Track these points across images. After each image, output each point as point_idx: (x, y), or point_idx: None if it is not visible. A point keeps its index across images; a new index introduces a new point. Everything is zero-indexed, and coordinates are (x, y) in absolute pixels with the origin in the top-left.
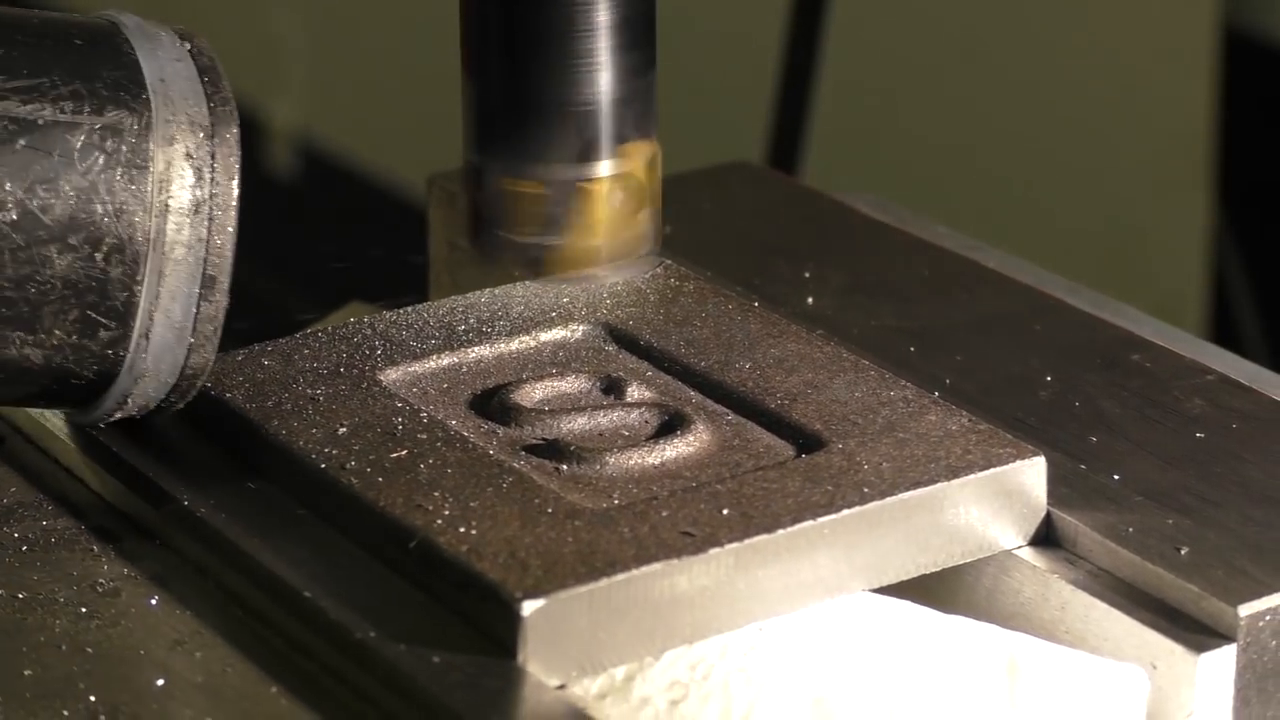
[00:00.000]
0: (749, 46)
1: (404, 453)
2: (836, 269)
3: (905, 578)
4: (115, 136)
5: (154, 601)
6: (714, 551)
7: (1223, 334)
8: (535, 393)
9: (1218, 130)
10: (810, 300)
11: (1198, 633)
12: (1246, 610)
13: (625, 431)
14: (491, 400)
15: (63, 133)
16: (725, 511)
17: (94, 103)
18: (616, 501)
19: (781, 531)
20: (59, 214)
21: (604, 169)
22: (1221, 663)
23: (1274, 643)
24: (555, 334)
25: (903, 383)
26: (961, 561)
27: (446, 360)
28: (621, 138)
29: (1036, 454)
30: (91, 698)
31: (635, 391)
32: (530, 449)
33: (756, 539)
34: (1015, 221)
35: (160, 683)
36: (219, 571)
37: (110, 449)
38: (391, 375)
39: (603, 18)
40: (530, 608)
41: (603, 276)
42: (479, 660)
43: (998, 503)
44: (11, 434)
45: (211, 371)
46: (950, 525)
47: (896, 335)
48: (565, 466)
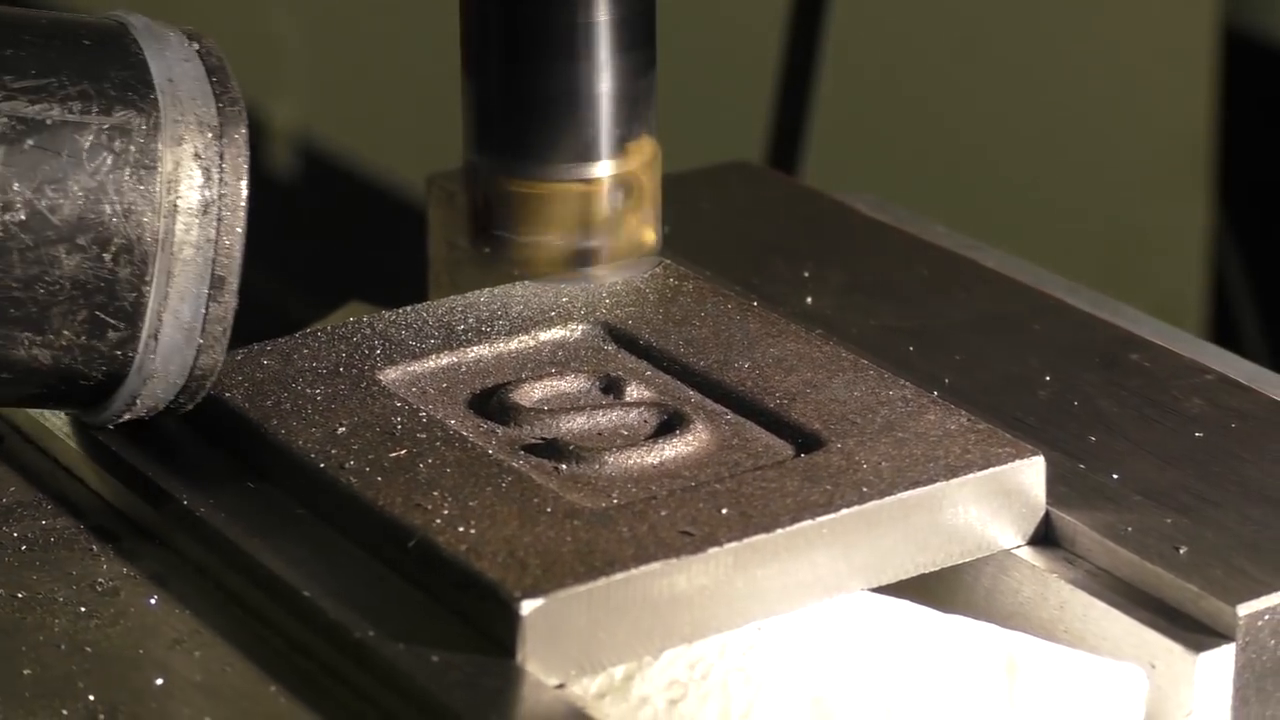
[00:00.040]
0: (749, 46)
1: (403, 452)
2: (836, 268)
3: (904, 577)
4: (123, 137)
5: (153, 601)
6: (713, 551)
7: (1223, 334)
8: (534, 392)
9: (1218, 130)
10: (809, 300)
11: (1196, 632)
12: (1245, 609)
13: (624, 431)
14: (490, 400)
15: (71, 133)
16: (724, 511)
17: (102, 103)
18: (615, 501)
19: (780, 531)
20: (67, 214)
21: (604, 169)
22: (1220, 662)
23: (1273, 642)
24: (554, 333)
25: (902, 382)
26: (960, 561)
27: (446, 360)
28: (621, 138)
29: (1035, 453)
30: (91, 697)
31: (634, 391)
32: (529, 448)
33: (755, 538)
34: (1015, 221)
35: (159, 682)
36: (218, 571)
37: (109, 448)
38: (391, 375)
39: (603, 17)
40: (529, 607)
41: (602, 276)
42: (478, 659)
43: (996, 502)
44: (10, 433)
45: None
46: (949, 525)
47: (895, 335)
48: (564, 466)
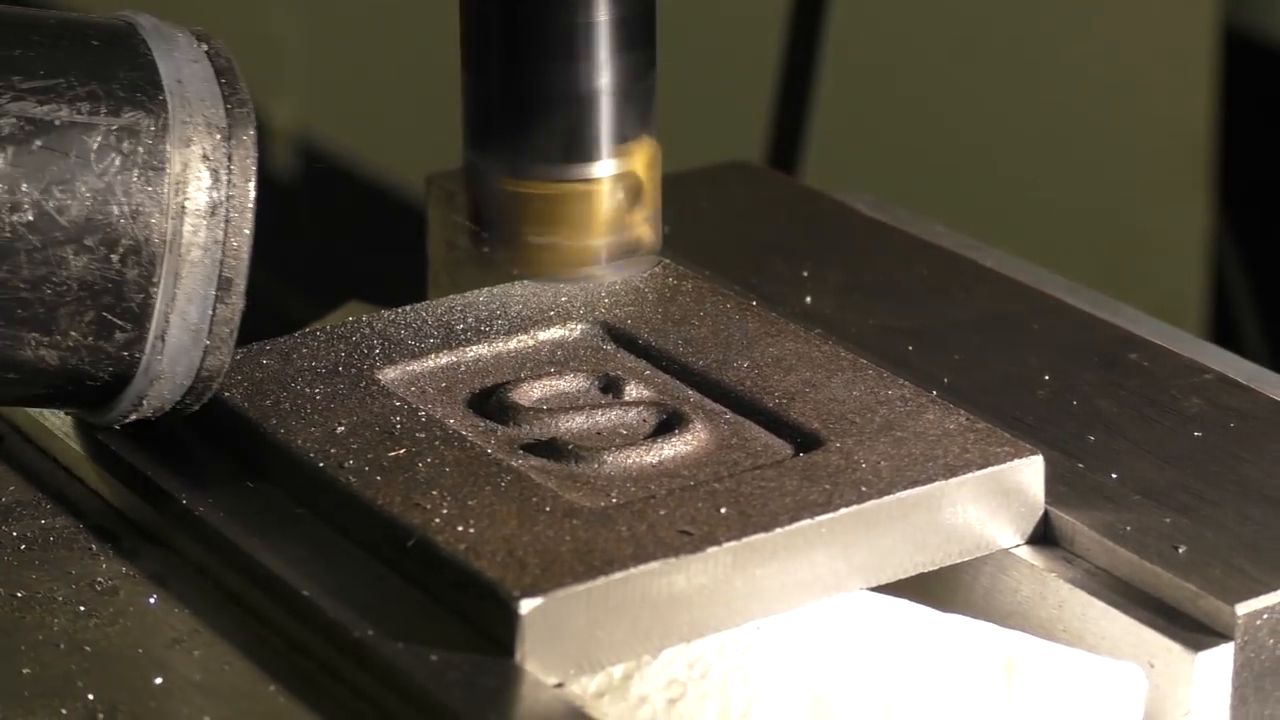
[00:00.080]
0: (749, 46)
1: (402, 451)
2: (835, 268)
3: (903, 576)
4: (132, 138)
5: (152, 600)
6: (712, 550)
7: (1223, 334)
8: (533, 391)
9: (1218, 130)
10: (808, 299)
11: (1195, 631)
12: (1244, 609)
13: (623, 430)
14: (490, 399)
15: (79, 134)
16: (723, 510)
17: (111, 104)
18: (614, 500)
19: (779, 530)
20: (75, 215)
21: (604, 169)
22: (1219, 661)
23: (1271, 641)
24: (553, 333)
25: (900, 381)
26: (959, 560)
27: (445, 359)
28: (621, 137)
29: (1034, 453)
30: (90, 696)
31: (633, 390)
32: (528, 448)
33: (754, 538)
34: (1014, 221)
35: (159, 681)
36: (217, 570)
37: (109, 448)
38: (390, 374)
39: (603, 17)
40: (528, 606)
41: (601, 275)
42: (477, 659)
43: (995, 501)
44: (10, 432)
45: None
46: (948, 524)
47: (894, 334)
48: (563, 465)
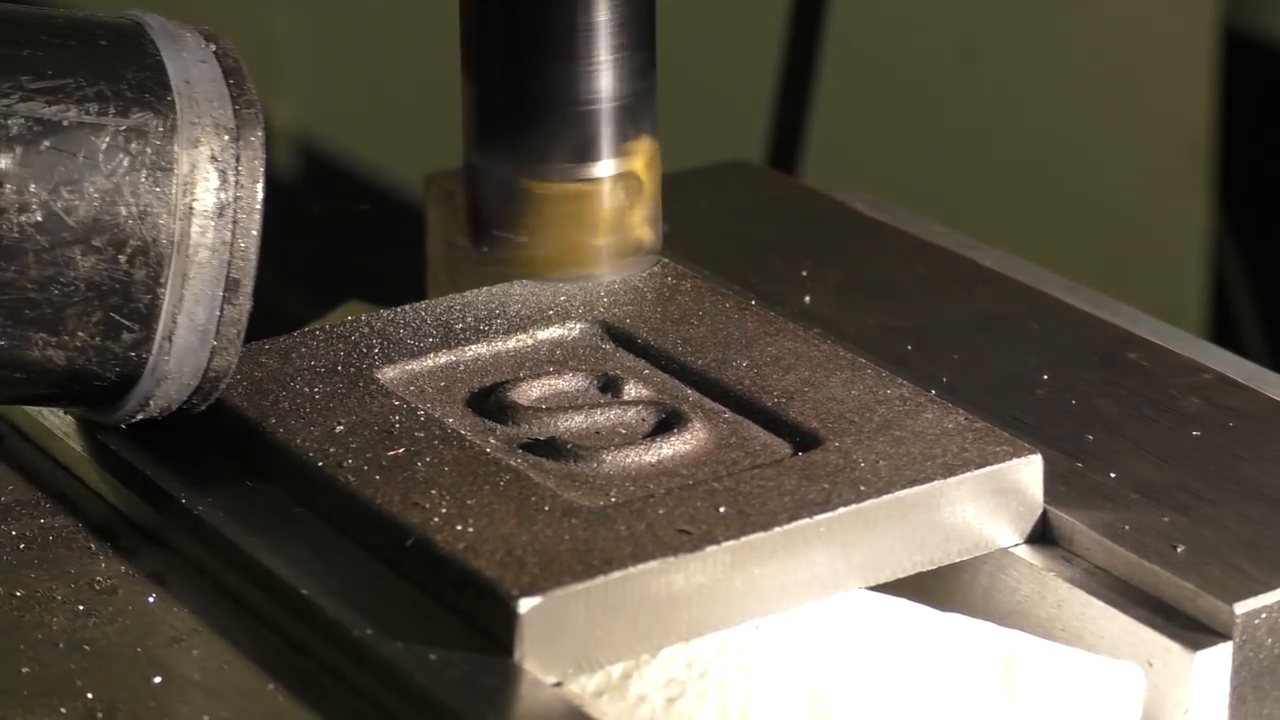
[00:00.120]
0: (749, 46)
1: (401, 451)
2: (834, 268)
3: (902, 575)
4: (140, 138)
5: (152, 599)
6: (710, 549)
7: (1223, 334)
8: (532, 391)
9: (1218, 130)
10: (807, 299)
11: (1194, 630)
12: (1242, 608)
13: (622, 429)
14: (489, 398)
15: (88, 134)
16: (722, 509)
17: (119, 104)
18: (613, 499)
19: (778, 529)
20: (83, 216)
21: (604, 169)
22: (1217, 660)
23: (1270, 640)
24: (552, 332)
25: (899, 381)
26: (958, 559)
27: (444, 358)
28: (622, 137)
29: (1033, 452)
30: (89, 695)
31: (632, 389)
32: (527, 447)
33: (753, 537)
34: (1014, 221)
35: (158, 680)
36: (217, 569)
37: (108, 447)
38: (389, 373)
39: (603, 18)
40: (527, 605)
41: (600, 275)
42: (476, 658)
43: (994, 501)
44: (9, 432)
45: None
46: (947, 523)
47: (893, 334)
48: (562, 464)
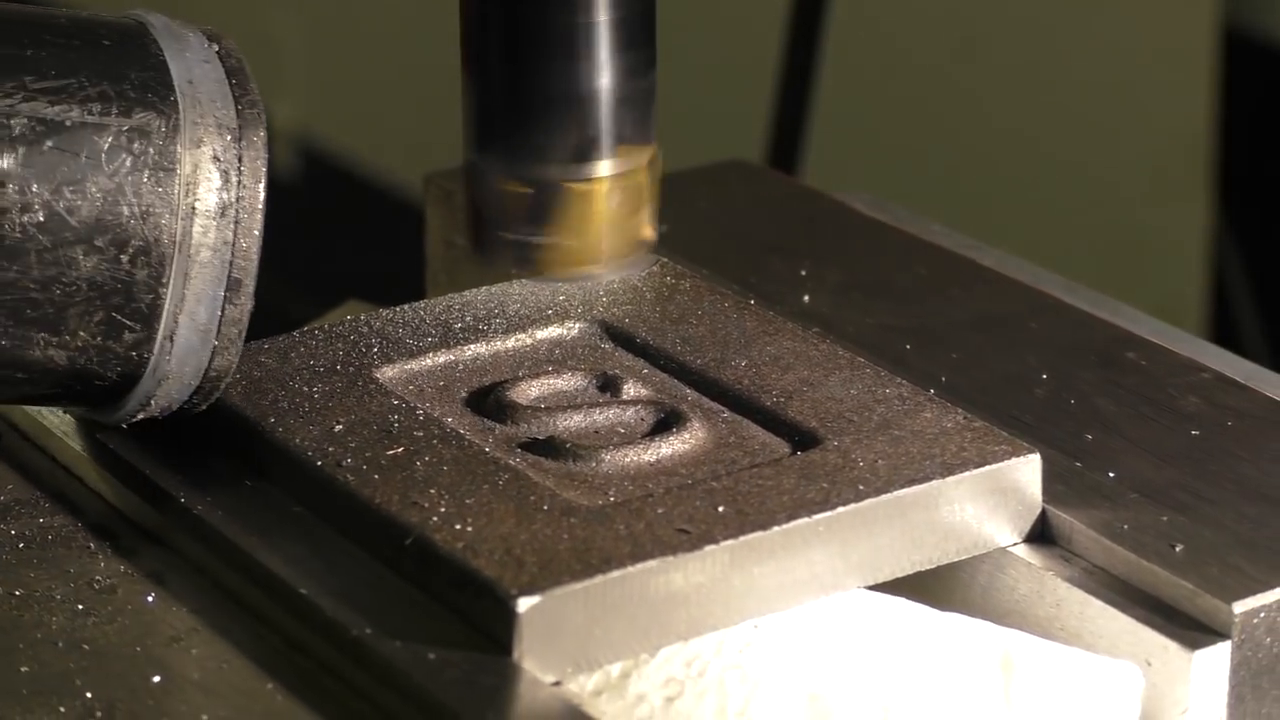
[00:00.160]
0: (749, 46)
1: (400, 450)
2: (833, 267)
3: (900, 575)
4: (143, 138)
5: (151, 598)
6: (709, 549)
7: (1223, 334)
8: (531, 390)
9: (1218, 130)
10: (806, 298)
11: (1192, 629)
12: (1241, 607)
13: (621, 429)
14: (488, 398)
15: (90, 134)
16: (721, 509)
17: (122, 104)
18: (612, 499)
19: (777, 529)
20: (85, 216)
21: (604, 169)
22: (1216, 659)
23: (1268, 639)
24: (551, 331)
25: (898, 380)
26: (957, 559)
27: (443, 358)
28: (621, 137)
29: (1032, 451)
30: (88, 694)
31: (631, 389)
32: (526, 446)
33: (752, 536)
34: (1014, 221)
35: (157, 679)
36: (216, 569)
37: (107, 446)
38: (388, 373)
39: (603, 17)
40: (526, 604)
41: (599, 274)
42: (475, 657)
43: (993, 500)
44: (8, 431)
45: None
46: (945, 522)
47: (892, 333)
48: (561, 464)
